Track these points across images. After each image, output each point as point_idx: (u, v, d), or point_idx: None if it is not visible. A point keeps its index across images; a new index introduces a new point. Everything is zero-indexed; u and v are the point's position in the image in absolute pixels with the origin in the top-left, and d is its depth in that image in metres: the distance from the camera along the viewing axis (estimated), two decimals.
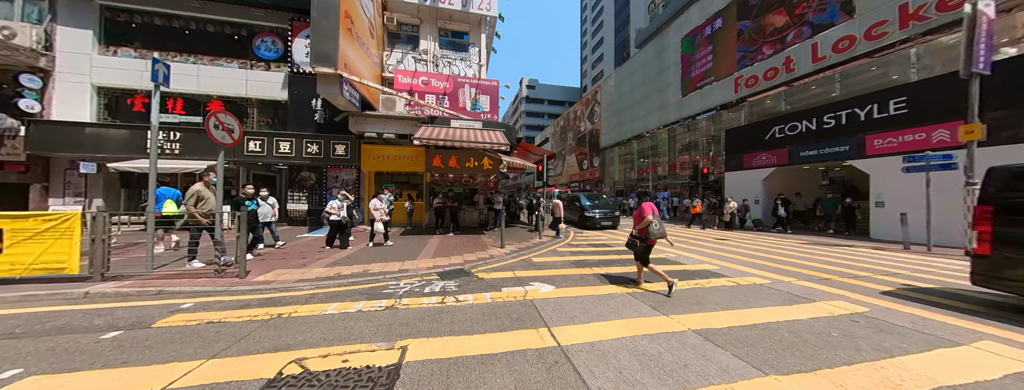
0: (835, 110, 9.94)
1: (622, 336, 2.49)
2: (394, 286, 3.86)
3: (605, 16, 44.64)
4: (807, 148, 10.58)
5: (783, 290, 3.86)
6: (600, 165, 28.39)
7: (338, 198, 6.41)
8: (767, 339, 2.48)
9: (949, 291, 3.95)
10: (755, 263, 5.52)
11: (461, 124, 9.44)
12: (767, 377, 1.95)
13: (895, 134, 8.48)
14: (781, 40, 12.74)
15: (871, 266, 5.35)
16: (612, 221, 10.86)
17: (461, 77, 11.70)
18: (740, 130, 13.64)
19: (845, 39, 10.53)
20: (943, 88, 7.50)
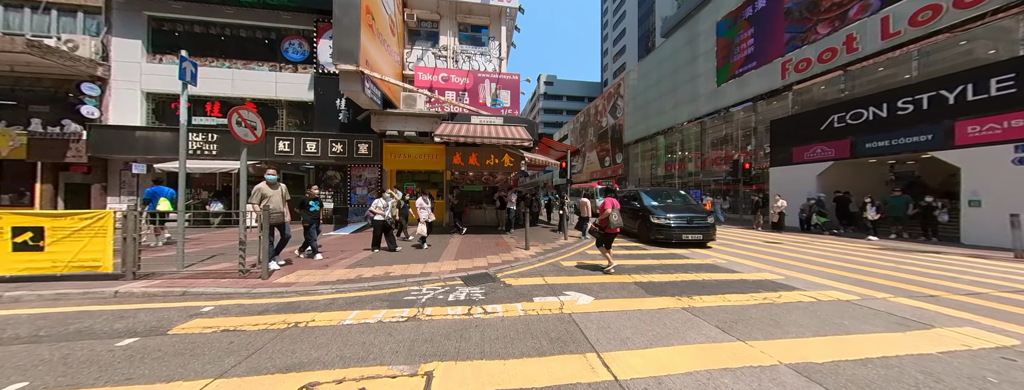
0: (913, 93, 8.50)
1: (694, 370, 1.98)
2: (416, 292, 3.57)
3: (627, 6, 42.66)
4: (875, 138, 9.19)
5: (881, 310, 3.13)
6: (624, 161, 27.14)
7: (384, 196, 6.14)
8: (895, 383, 1.87)
9: None
10: (827, 273, 4.69)
11: (481, 120, 9.11)
12: None
13: (999, 119, 7.03)
14: (841, 16, 11.19)
15: (983, 280, 4.36)
16: (702, 232, 6.76)
17: (481, 72, 11.38)
18: (788, 120, 12.24)
19: (928, 9, 8.95)
20: None
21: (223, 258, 5.07)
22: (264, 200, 4.23)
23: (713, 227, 7.03)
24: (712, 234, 6.95)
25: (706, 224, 6.92)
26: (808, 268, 5.00)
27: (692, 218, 6.97)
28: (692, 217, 7.01)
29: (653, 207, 7.54)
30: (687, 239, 6.70)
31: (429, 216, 6.31)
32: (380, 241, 5.94)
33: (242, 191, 4.19)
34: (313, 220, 5.18)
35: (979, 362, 2.14)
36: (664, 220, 6.88)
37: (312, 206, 5.27)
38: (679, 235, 6.69)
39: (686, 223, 6.87)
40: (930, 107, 8.16)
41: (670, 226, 6.82)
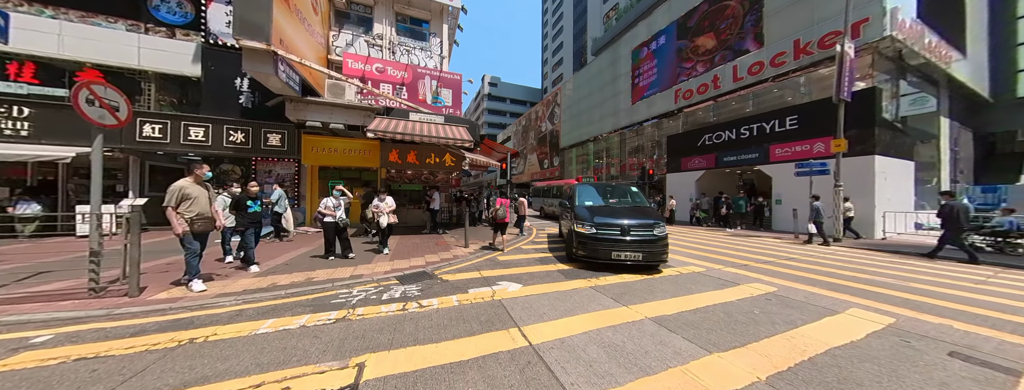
0: (749, 123, 11.89)
1: (589, 329, 2.58)
2: (346, 295, 3.44)
3: (565, 22, 46.50)
4: (730, 154, 12.47)
5: (716, 277, 4.46)
6: (560, 164, 29.62)
7: (334, 195, 5.39)
8: (708, 321, 2.82)
9: (826, 271, 5.00)
10: (692, 254, 6.30)
11: (421, 118, 8.89)
12: (712, 355, 2.20)
13: (789, 145, 10.48)
14: (710, 60, 14.75)
15: (775, 253, 6.53)
16: (645, 249, 4.53)
17: (421, 67, 11.02)
18: (678, 136, 15.47)
19: (756, 64, 12.64)
20: (821, 110, 9.49)
21: (54, 276, 3.83)
22: (186, 202, 3.34)
23: (661, 241, 4.54)
24: (660, 251, 4.50)
25: (652, 236, 4.52)
26: (682, 251, 6.59)
27: (630, 227, 4.52)
28: (632, 225, 4.55)
29: (584, 209, 5.14)
30: (621, 259, 4.38)
31: (390, 218, 5.84)
32: (333, 247, 5.25)
33: (94, 188, 3.26)
34: (251, 224, 4.40)
35: (754, 303, 3.35)
36: (588, 228, 4.61)
37: (251, 207, 4.47)
38: (607, 253, 4.43)
39: (619, 234, 4.48)
40: (757, 134, 11.54)
41: (595, 238, 4.53)
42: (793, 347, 2.33)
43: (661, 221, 4.81)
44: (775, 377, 1.94)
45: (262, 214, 4.67)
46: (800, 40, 11.37)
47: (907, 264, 5.60)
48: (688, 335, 2.51)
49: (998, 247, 6.59)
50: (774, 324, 2.77)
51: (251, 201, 4.51)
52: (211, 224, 3.52)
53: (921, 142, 11.77)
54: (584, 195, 5.95)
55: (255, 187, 4.71)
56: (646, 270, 4.69)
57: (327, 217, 5.11)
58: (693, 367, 2.03)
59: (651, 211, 5.42)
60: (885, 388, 1.85)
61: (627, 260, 4.45)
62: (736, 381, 1.88)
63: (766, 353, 2.23)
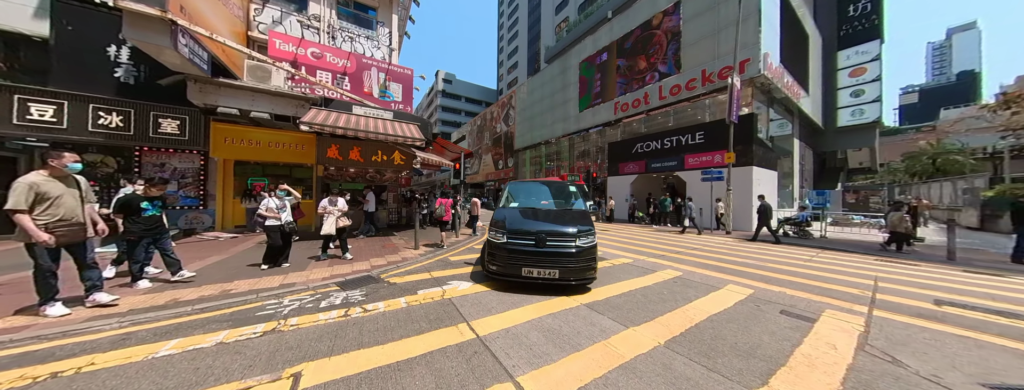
0: (670, 136, 14.06)
1: (532, 318, 2.86)
2: (275, 306, 3.11)
3: (520, 27, 47.83)
4: (656, 161, 14.54)
5: (640, 266, 5.27)
6: (514, 165, 30.38)
7: (277, 195, 4.62)
8: (629, 302, 3.38)
9: (717, 258, 6.32)
10: (624, 248, 7.24)
11: (367, 112, 8.28)
12: (628, 329, 2.68)
13: (699, 155, 12.75)
14: (642, 79, 16.96)
15: (686, 245, 7.93)
16: (562, 263, 3.57)
17: (367, 57, 10.23)
18: (617, 144, 17.39)
19: (676, 86, 15.01)
20: (719, 128, 11.79)
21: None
22: (44, 204, 2.53)
23: (584, 255, 3.60)
24: (582, 268, 3.57)
25: (571, 249, 3.57)
26: (616, 245, 7.52)
27: (548, 236, 3.62)
28: (550, 232, 3.66)
29: (505, 213, 4.26)
30: (532, 277, 3.48)
31: (337, 222, 5.20)
32: (277, 256, 4.51)
33: None
34: (145, 231, 3.54)
35: (664, 285, 4.09)
36: (500, 236, 3.72)
37: (147, 210, 3.59)
38: (518, 268, 3.53)
39: (533, 244, 3.58)
40: (676, 145, 13.72)
41: (508, 248, 3.62)
42: (686, 317, 2.98)
43: (590, 229, 3.73)
44: (671, 341, 2.48)
45: (160, 219, 3.81)
46: (706, 70, 13.91)
47: (765, 249, 7.41)
48: (613, 315, 2.98)
49: (799, 233, 9.34)
50: (676, 301, 3.46)
51: (147, 202, 3.67)
52: (81, 233, 2.78)
53: (781, 157, 15.49)
54: (516, 194, 5.10)
55: (158, 188, 3.80)
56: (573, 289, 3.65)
57: (270, 220, 4.45)
58: (613, 340, 2.45)
59: (582, 216, 4.15)
60: (739, 339, 2.54)
61: (539, 278, 3.39)
62: (643, 347, 2.35)
63: (667, 324, 2.81)
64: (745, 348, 2.38)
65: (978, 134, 23.55)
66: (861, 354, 2.35)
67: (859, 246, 7.92)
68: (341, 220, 5.19)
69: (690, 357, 2.22)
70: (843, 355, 2.32)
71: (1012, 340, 2.67)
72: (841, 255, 6.81)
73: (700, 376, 1.98)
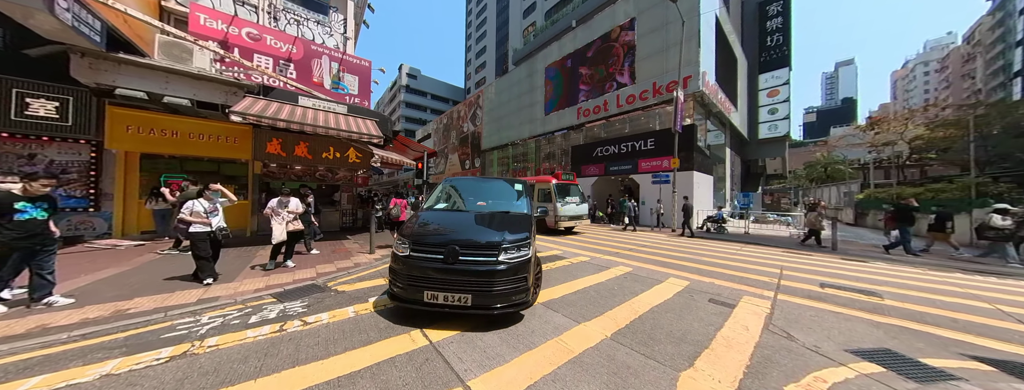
0: (626, 141, 15.19)
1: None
2: (189, 325, 2.67)
3: (488, 27, 47.70)
4: (614, 164, 15.59)
5: (595, 264, 5.59)
6: (481, 166, 30.15)
7: (208, 196, 3.90)
8: (583, 299, 3.56)
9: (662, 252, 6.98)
10: (585, 247, 7.63)
11: (317, 104, 7.55)
12: (580, 325, 2.82)
13: (650, 160, 13.98)
14: (602, 87, 18.07)
15: (638, 243, 8.62)
16: (492, 280, 2.63)
17: (317, 44, 9.33)
18: (580, 147, 18.26)
19: (631, 96, 16.27)
20: (667, 136, 13.06)
21: None
22: None
23: (513, 273, 2.72)
24: (506, 291, 2.68)
25: (491, 266, 2.69)
26: (577, 245, 7.88)
27: (462, 248, 2.73)
28: (465, 243, 2.78)
29: (423, 216, 3.47)
30: (437, 304, 2.65)
31: (288, 226, 4.55)
32: (208, 269, 3.80)
33: None
34: (25, 238, 2.74)
35: (616, 281, 4.40)
36: (404, 248, 2.87)
37: (25, 213, 2.77)
38: (420, 290, 2.67)
39: (442, 259, 2.69)
40: (631, 150, 14.87)
41: (410, 262, 2.76)
42: (632, 310, 3.24)
43: (524, 239, 2.84)
44: (616, 333, 2.67)
45: (43, 226, 2.93)
46: (656, 82, 15.32)
47: (703, 245, 8.39)
48: (567, 312, 3.12)
49: (718, 229, 10.98)
50: (625, 295, 3.74)
51: (27, 203, 2.84)
52: None
53: (716, 163, 17.70)
54: (447, 194, 4.14)
55: (43, 184, 2.92)
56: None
57: (197, 226, 3.76)
58: (565, 337, 2.57)
59: (518, 222, 3.21)
60: (675, 326, 2.83)
61: (445, 305, 2.58)
62: (591, 341, 2.50)
63: (615, 317, 3.02)
64: (678, 334, 2.67)
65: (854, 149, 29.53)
66: (766, 332, 2.78)
67: (774, 240, 9.37)
68: (292, 224, 4.65)
69: (632, 347, 2.42)
70: (753, 335, 2.72)
71: (868, 312, 3.39)
72: (760, 249, 7.99)
73: (638, 364, 2.17)
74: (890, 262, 6.56)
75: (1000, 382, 2.09)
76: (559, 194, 9.98)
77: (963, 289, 4.55)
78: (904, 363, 2.33)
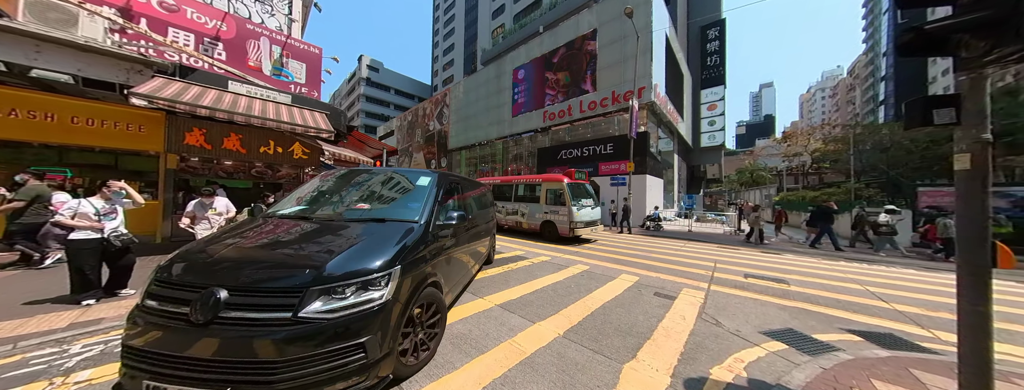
0: (589, 145, 15.99)
1: None
2: (51, 357, 2.12)
3: (456, 24, 46.80)
4: (577, 167, 16.24)
5: (555, 263, 5.73)
6: (448, 166, 29.34)
7: (106, 194, 3.09)
8: (540, 298, 3.61)
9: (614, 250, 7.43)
10: (547, 248, 7.80)
11: (252, 91, 6.65)
12: (535, 325, 2.85)
13: (609, 164, 14.87)
14: (567, 92, 18.81)
15: (600, 241, 9.07)
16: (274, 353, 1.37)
17: (254, 24, 8.25)
18: (546, 150, 18.76)
19: (592, 102, 17.18)
20: (624, 141, 14.01)
21: None
22: None
23: (332, 339, 1.44)
24: (322, 380, 1.41)
25: (274, 332, 1.39)
26: (541, 246, 8.03)
27: (233, 292, 1.47)
28: (245, 284, 1.52)
29: (226, 233, 2.18)
30: None
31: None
32: (96, 280, 3.02)
33: None
34: None
35: (572, 279, 4.54)
36: (148, 299, 1.59)
37: None
38: (137, 383, 1.38)
39: (187, 323, 1.40)
40: (593, 154, 15.68)
41: (143, 320, 1.50)
42: (585, 307, 3.36)
43: (376, 271, 1.68)
44: (569, 331, 2.74)
45: None
46: (615, 91, 16.39)
47: (649, 242, 9.14)
48: (523, 313, 3.13)
49: (655, 227, 12.29)
50: (580, 292, 3.88)
51: None
52: None
53: (666, 168, 19.48)
54: (321, 190, 2.92)
55: None
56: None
57: (81, 232, 2.93)
58: (519, 338, 2.56)
59: (380, 241, 1.94)
60: (623, 320, 3.00)
61: None
62: (544, 340, 2.53)
63: (568, 315, 3.11)
64: (625, 328, 2.83)
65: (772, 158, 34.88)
66: (699, 321, 3.08)
67: (712, 237, 10.56)
68: None
69: (582, 343, 2.50)
70: (688, 323, 3.00)
71: (779, 298, 3.96)
72: (700, 245, 8.93)
73: (586, 359, 2.24)
74: (798, 254, 7.80)
75: (865, 349, 2.57)
76: (573, 196, 8.14)
77: (844, 274, 5.57)
78: (801, 340, 2.75)
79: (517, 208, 9.57)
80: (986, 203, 1.48)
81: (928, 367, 2.23)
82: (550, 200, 8.59)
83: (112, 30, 6.13)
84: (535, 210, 8.93)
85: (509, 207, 9.80)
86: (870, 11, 51.63)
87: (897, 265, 6.76)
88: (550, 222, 8.30)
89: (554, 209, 8.03)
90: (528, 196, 9.44)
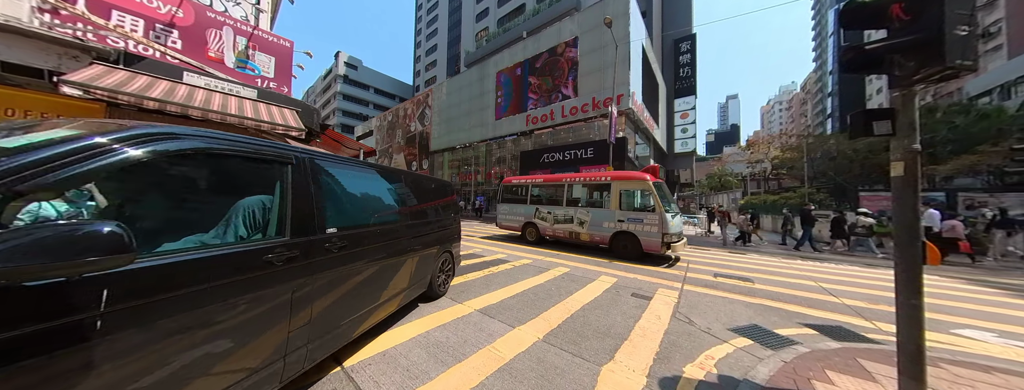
0: (570, 149, 16.33)
1: (418, 334, 2.63)
2: None
3: (439, 25, 46.37)
4: (558, 170, 16.52)
5: (537, 266, 5.73)
6: (429, 168, 28.73)
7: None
8: (521, 302, 3.57)
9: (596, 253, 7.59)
10: (529, 251, 7.80)
11: (211, 84, 6.13)
12: (514, 329, 2.80)
13: (589, 168, 15.24)
14: (549, 97, 19.15)
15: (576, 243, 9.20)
16: None
17: (216, 11, 7.64)
18: (528, 153, 18.92)
19: (574, 108, 17.62)
20: (603, 146, 14.45)
21: None
22: None
23: None
24: None
25: None
26: (523, 248, 8.01)
27: None
28: None
29: None
30: None
31: None
32: None
33: None
34: None
35: (553, 282, 4.55)
36: None
37: None
38: None
39: None
40: (573, 157, 16.03)
41: None
42: (565, 309, 3.37)
43: None
44: (549, 334, 2.72)
45: None
46: (595, 97, 16.92)
47: None
48: (503, 318, 3.07)
49: None
50: (560, 295, 3.89)
51: None
52: None
53: None
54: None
55: None
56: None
57: None
58: (498, 344, 2.50)
59: None
60: (601, 322, 3.03)
61: None
62: (523, 345, 2.49)
63: (548, 318, 3.09)
64: (604, 329, 2.86)
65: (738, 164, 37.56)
66: (673, 320, 3.19)
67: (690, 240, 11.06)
68: None
69: (561, 347, 2.48)
70: (663, 323, 3.09)
71: (745, 295, 4.20)
72: None
73: (565, 363, 2.23)
74: (762, 254, 8.38)
75: (819, 342, 2.77)
76: (663, 200, 6.24)
77: (801, 272, 6.04)
78: (765, 335, 2.92)
79: (572, 214, 7.47)
80: (917, 205, 1.65)
81: (872, 356, 2.44)
82: (627, 205, 6.67)
83: (41, 10, 5.43)
84: (602, 218, 6.86)
85: (559, 213, 7.77)
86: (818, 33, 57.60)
87: (845, 263, 7.46)
88: (628, 234, 6.30)
89: (636, 216, 6.21)
90: (591, 200, 7.54)
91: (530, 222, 8.60)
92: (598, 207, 7.25)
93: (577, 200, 7.80)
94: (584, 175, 8.06)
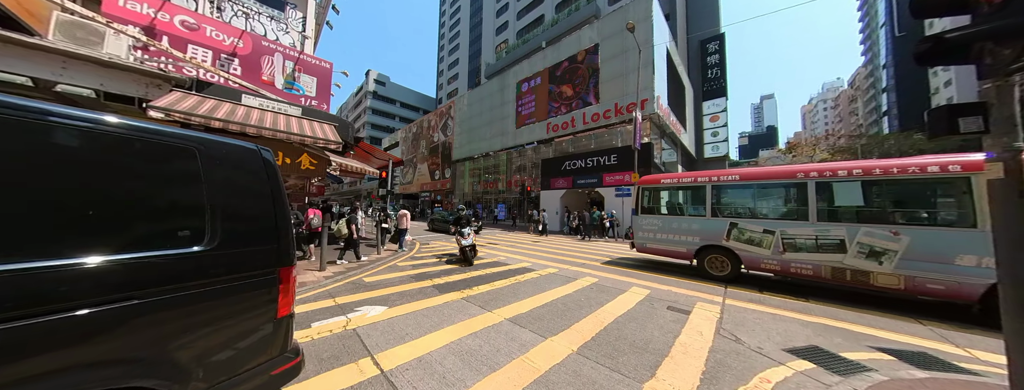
0: (592, 156, 16.03)
1: (451, 341, 2.65)
2: None
3: (461, 40, 48.58)
4: (581, 178, 16.27)
5: (564, 275, 5.60)
6: (452, 177, 29.57)
7: None
8: (551, 312, 3.49)
9: (625, 261, 7.27)
10: (553, 258, 7.66)
11: (264, 104, 6.85)
12: (547, 340, 2.73)
13: (614, 175, 14.85)
14: (570, 104, 19.12)
15: (606, 253, 8.90)
16: None
17: (269, 41, 8.62)
18: (549, 161, 18.84)
19: (595, 114, 17.41)
20: (628, 152, 14.06)
21: None
22: None
23: None
24: None
25: None
26: (547, 257, 7.90)
27: None
28: None
29: None
30: None
31: None
32: None
33: None
34: None
35: (582, 292, 4.40)
36: None
37: None
38: None
39: None
40: (596, 165, 15.70)
41: None
42: (597, 321, 3.24)
43: None
44: (583, 347, 2.62)
45: None
46: (618, 103, 16.63)
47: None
48: (534, 327, 3.01)
49: None
50: (591, 306, 3.75)
51: None
52: None
53: None
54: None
55: None
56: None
57: None
58: (531, 354, 2.45)
59: None
60: (637, 336, 2.86)
61: None
62: (558, 356, 2.41)
63: (581, 330, 2.98)
64: (641, 344, 2.70)
65: None
66: (717, 337, 2.94)
67: None
68: None
69: (597, 360, 2.37)
70: (707, 340, 2.86)
71: (799, 313, 3.78)
72: None
73: (604, 378, 2.12)
74: None
75: (900, 370, 2.41)
76: None
77: None
78: (829, 358, 2.59)
79: (841, 237, 4.19)
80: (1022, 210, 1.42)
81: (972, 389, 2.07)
82: None
83: (135, 48, 6.44)
84: (943, 246, 3.59)
85: (799, 234, 4.51)
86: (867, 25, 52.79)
87: None
88: None
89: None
90: (902, 213, 4.02)
91: (716, 246, 5.32)
92: (922, 225, 3.81)
93: (845, 213, 4.32)
94: (876, 164, 4.12)
